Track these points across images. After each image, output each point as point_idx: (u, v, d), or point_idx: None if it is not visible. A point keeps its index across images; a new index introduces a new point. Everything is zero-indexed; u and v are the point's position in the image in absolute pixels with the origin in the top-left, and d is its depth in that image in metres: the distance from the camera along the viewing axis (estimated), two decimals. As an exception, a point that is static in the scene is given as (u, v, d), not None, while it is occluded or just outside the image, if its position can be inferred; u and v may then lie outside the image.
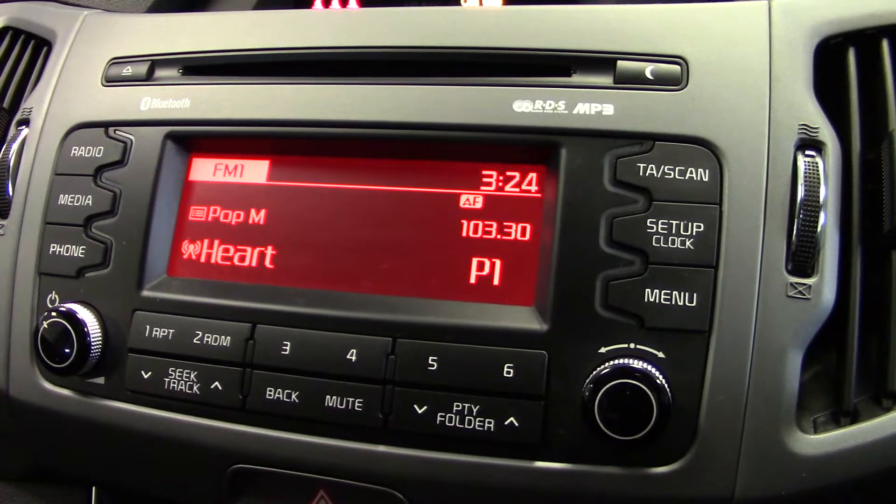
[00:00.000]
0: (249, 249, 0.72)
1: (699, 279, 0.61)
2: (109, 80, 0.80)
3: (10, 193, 0.80)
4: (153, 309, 0.71)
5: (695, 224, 0.61)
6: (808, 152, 0.62)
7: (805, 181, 0.61)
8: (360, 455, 0.65)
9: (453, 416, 0.62)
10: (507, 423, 0.62)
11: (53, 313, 0.70)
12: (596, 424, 0.58)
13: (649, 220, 0.62)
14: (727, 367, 0.60)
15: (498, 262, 0.66)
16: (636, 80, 0.66)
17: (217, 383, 0.68)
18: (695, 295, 0.60)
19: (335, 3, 1.01)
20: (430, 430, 0.63)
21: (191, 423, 0.69)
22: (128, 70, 0.79)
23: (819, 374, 0.63)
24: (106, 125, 0.77)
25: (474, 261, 0.66)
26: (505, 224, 0.66)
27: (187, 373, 0.69)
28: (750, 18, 0.67)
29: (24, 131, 0.81)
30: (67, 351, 0.70)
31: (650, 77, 0.65)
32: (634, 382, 0.57)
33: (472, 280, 0.66)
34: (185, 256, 0.73)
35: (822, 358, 0.63)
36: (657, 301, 0.61)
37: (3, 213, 0.80)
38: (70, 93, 0.81)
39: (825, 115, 0.64)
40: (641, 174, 0.63)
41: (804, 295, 0.60)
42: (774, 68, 0.64)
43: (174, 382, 0.69)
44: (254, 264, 0.71)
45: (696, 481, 0.60)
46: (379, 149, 0.70)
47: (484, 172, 0.68)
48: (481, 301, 0.65)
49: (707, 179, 0.62)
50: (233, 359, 0.68)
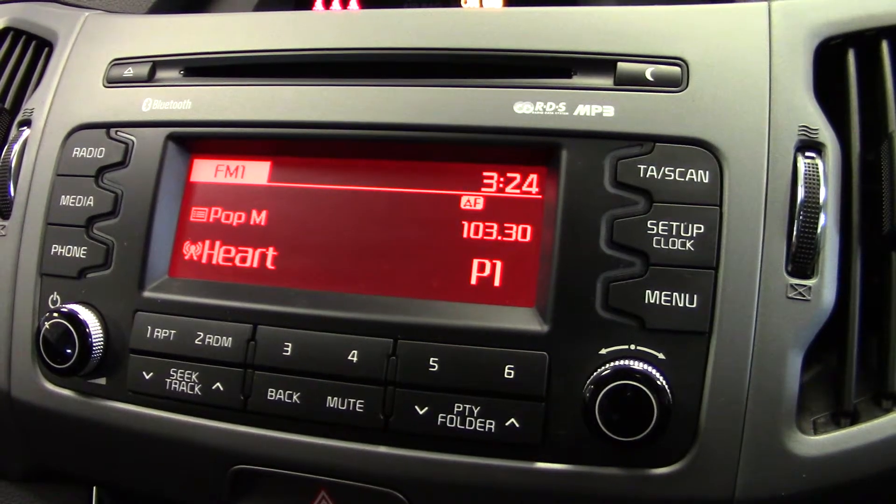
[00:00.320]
0: (251, 250, 0.72)
1: (699, 280, 0.61)
2: (111, 81, 0.80)
3: (12, 194, 0.80)
4: (154, 310, 0.71)
5: (695, 225, 0.61)
6: (807, 153, 0.62)
7: (805, 182, 0.61)
8: (361, 456, 0.65)
9: (454, 417, 0.63)
10: (507, 423, 0.62)
11: (55, 314, 0.71)
12: (596, 425, 0.58)
13: (650, 222, 0.62)
14: (727, 368, 0.60)
15: (499, 264, 0.66)
16: (636, 82, 0.66)
17: (218, 384, 0.68)
18: (695, 296, 0.61)
19: (336, 4, 1.01)
20: (431, 430, 0.63)
21: (192, 423, 0.70)
22: (129, 71, 0.79)
23: (819, 375, 0.63)
24: (107, 126, 0.77)
25: (475, 262, 0.66)
26: (506, 225, 0.67)
27: (189, 373, 0.69)
28: (750, 20, 0.67)
29: (26, 132, 0.81)
30: (69, 352, 0.70)
31: (650, 78, 0.66)
32: (635, 384, 0.57)
33: (472, 281, 0.66)
34: (187, 257, 0.73)
35: (823, 359, 0.63)
36: (657, 302, 0.61)
37: (5, 214, 0.80)
38: (71, 94, 0.81)
39: (825, 117, 0.64)
40: (642, 175, 0.63)
41: (804, 296, 0.60)
42: (774, 70, 0.65)
43: (175, 383, 0.69)
44: (255, 265, 0.71)
45: (697, 482, 0.60)
46: (380, 150, 0.70)
47: (485, 174, 0.68)
48: (482, 302, 0.65)
49: (707, 181, 0.62)
50: (234, 359, 0.68)
